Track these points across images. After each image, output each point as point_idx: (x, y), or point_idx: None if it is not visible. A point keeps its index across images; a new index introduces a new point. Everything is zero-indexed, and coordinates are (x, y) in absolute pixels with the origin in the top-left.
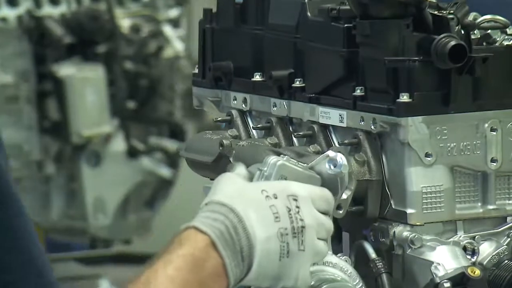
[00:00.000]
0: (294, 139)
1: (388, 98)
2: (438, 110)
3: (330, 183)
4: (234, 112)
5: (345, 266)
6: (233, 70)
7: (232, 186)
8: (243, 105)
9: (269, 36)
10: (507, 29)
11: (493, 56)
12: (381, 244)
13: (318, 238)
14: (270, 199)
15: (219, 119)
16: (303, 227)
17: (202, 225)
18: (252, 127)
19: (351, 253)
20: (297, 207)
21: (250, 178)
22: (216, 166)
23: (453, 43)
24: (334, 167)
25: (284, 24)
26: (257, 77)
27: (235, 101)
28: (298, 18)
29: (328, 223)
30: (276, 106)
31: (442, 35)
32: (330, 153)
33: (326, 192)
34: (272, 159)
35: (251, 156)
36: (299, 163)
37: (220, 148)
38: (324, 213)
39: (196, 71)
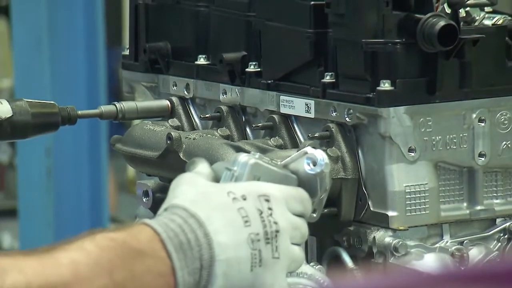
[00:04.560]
0: (249, 131)
1: (365, 85)
2: (423, 99)
3: (308, 183)
4: (175, 99)
5: (321, 277)
6: (172, 52)
7: (194, 188)
8: (185, 92)
9: (215, 14)
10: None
11: (483, 38)
12: (357, 251)
13: (293, 244)
14: (238, 201)
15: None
16: (277, 231)
17: (154, 223)
18: (200, 116)
19: (323, 261)
20: (270, 208)
21: (215, 178)
22: (162, 163)
23: (442, 23)
24: (314, 165)
25: (234, 0)
26: (202, 60)
27: (175, 87)
28: None
29: (304, 227)
30: (226, 94)
31: (429, 14)
32: (309, 149)
33: (301, 193)
34: (243, 157)
35: (205, 151)
36: (273, 161)
37: (168, 141)
38: (299, 215)
39: (127, 52)
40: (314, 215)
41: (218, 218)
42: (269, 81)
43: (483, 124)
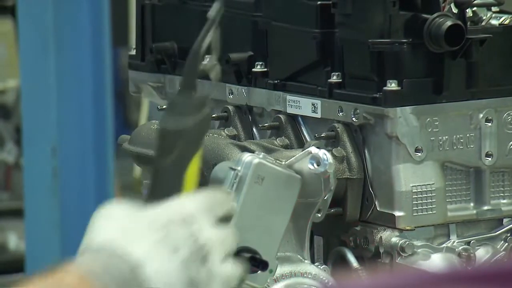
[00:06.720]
0: (255, 130)
1: (372, 85)
2: (429, 99)
3: (312, 183)
4: None
5: (326, 277)
6: (178, 51)
7: (114, 222)
8: None
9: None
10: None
11: (490, 38)
12: (364, 251)
13: (224, 258)
14: (161, 230)
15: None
16: (207, 253)
17: (78, 266)
18: None
19: (328, 261)
20: (195, 230)
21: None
22: None
23: (449, 23)
24: (318, 165)
25: (240, 0)
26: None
27: None
28: None
29: (231, 236)
30: (232, 94)
31: (435, 14)
32: (313, 149)
33: (219, 195)
34: (247, 157)
35: (211, 151)
36: (277, 160)
37: None
38: (224, 219)
39: (133, 52)
40: (319, 215)
41: (142, 252)
42: (276, 81)
43: (490, 124)
